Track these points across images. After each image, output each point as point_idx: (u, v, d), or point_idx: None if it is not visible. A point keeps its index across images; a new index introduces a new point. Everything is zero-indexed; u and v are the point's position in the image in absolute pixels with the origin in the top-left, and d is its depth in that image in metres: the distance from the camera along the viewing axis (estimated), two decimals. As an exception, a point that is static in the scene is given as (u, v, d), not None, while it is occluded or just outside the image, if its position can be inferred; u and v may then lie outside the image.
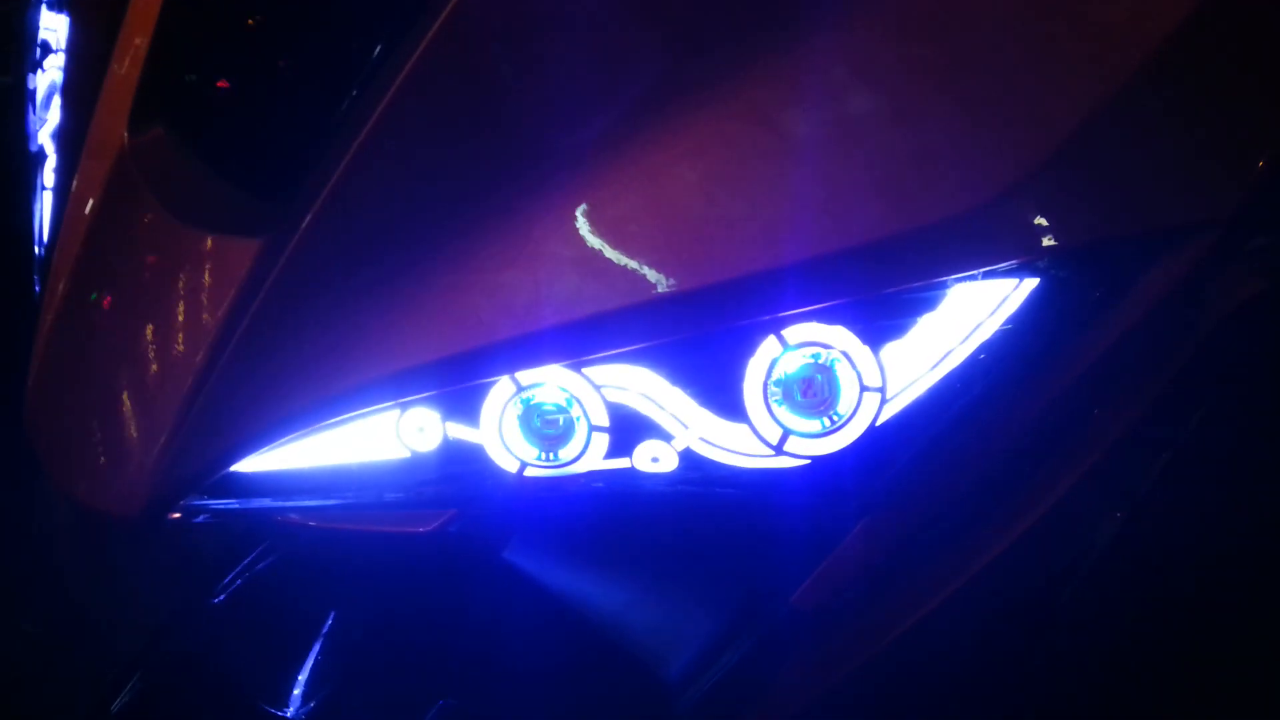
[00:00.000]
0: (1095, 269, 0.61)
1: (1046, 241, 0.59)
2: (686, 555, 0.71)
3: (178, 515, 0.68)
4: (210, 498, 0.68)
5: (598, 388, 0.63)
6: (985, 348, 0.61)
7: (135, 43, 0.69)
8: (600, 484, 0.64)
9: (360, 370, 0.64)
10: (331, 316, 0.64)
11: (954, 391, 0.61)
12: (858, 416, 0.61)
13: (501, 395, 0.64)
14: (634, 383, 0.62)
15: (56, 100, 0.82)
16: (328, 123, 0.64)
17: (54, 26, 0.84)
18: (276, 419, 0.65)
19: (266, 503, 0.68)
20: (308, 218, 0.61)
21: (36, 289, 0.80)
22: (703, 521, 0.67)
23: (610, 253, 0.61)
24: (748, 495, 0.64)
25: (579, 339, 0.62)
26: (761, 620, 0.72)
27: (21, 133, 0.91)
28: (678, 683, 0.74)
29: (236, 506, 0.68)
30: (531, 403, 0.64)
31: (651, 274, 0.61)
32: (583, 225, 0.61)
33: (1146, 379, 0.65)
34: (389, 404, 0.65)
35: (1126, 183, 0.61)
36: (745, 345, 0.61)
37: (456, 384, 0.64)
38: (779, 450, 0.62)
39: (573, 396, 0.63)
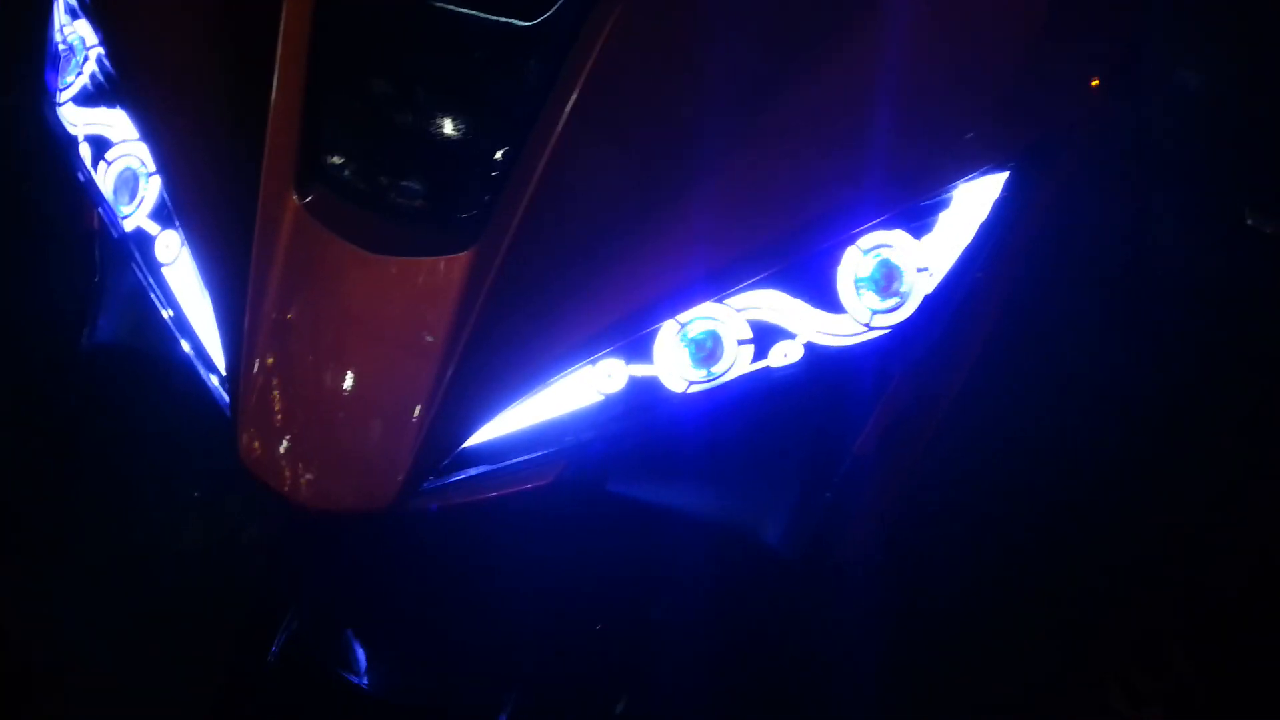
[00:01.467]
0: (1036, 157, 0.91)
1: (1007, 145, 0.88)
2: (789, 434, 0.95)
3: (424, 501, 0.83)
4: (447, 476, 0.83)
5: (738, 311, 0.85)
6: (984, 226, 0.89)
7: (289, 117, 0.82)
8: (746, 385, 0.86)
9: (561, 339, 0.82)
10: (536, 302, 0.81)
11: (971, 262, 0.89)
12: (915, 291, 0.87)
13: (668, 334, 0.84)
14: (763, 302, 0.85)
15: (150, 184, 0.91)
16: (494, 145, 0.80)
17: (109, 122, 0.93)
18: (498, 395, 0.82)
19: (490, 467, 0.84)
20: (513, 226, 0.78)
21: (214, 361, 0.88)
22: (813, 400, 0.91)
23: (733, 211, 0.83)
24: (849, 367, 0.88)
25: (719, 278, 0.84)
26: (834, 471, 0.96)
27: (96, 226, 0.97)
28: (781, 541, 0.97)
29: (471, 476, 0.84)
30: (690, 335, 0.85)
31: (764, 220, 0.84)
32: (714, 194, 0.83)
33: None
34: (583, 362, 0.83)
35: (1046, 90, 0.91)
36: (834, 257, 0.86)
37: (634, 334, 0.84)
38: (869, 327, 0.87)
39: (720, 322, 0.85)
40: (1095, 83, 0.94)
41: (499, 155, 0.81)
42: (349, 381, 0.80)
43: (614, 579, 1.03)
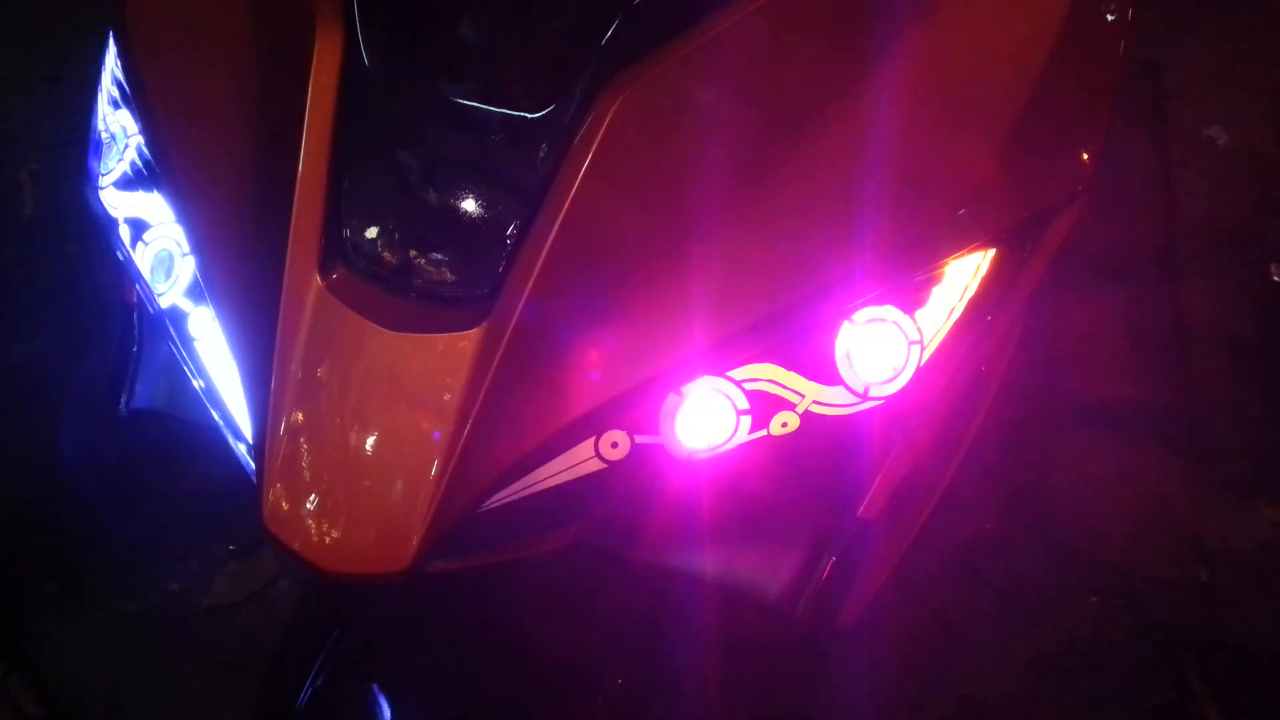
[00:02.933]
0: (1023, 236, 0.94)
1: (997, 222, 0.92)
2: (792, 499, 0.98)
3: (440, 563, 0.87)
4: (462, 543, 0.87)
5: (737, 383, 0.89)
6: (973, 300, 0.92)
7: (313, 202, 0.87)
8: (748, 453, 0.90)
9: (568, 410, 0.86)
10: (544, 376, 0.85)
11: (962, 334, 0.92)
12: (908, 362, 0.90)
13: (670, 405, 0.88)
14: (762, 374, 0.89)
15: (185, 264, 0.97)
16: (504, 228, 0.86)
17: (147, 205, 0.99)
18: (510, 463, 0.86)
19: (503, 532, 0.89)
20: (520, 304, 0.83)
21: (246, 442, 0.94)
22: (814, 467, 0.95)
23: (731, 287, 0.88)
24: (848, 436, 0.92)
25: (719, 351, 0.88)
26: (839, 536, 1.00)
27: (135, 299, 1.03)
28: (785, 602, 1.01)
29: (486, 541, 0.88)
30: (692, 406, 0.89)
31: (761, 296, 0.88)
32: (712, 271, 0.87)
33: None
34: (589, 433, 0.88)
35: (1031, 173, 0.95)
36: (829, 331, 0.90)
37: (637, 406, 0.88)
38: (864, 398, 0.90)
39: (721, 393, 0.89)
40: (1085, 157, 0.97)
41: (509, 236, 0.85)
42: (367, 451, 0.85)
43: (628, 636, 1.07)
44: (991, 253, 0.92)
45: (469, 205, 0.87)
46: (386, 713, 1.14)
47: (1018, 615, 2.16)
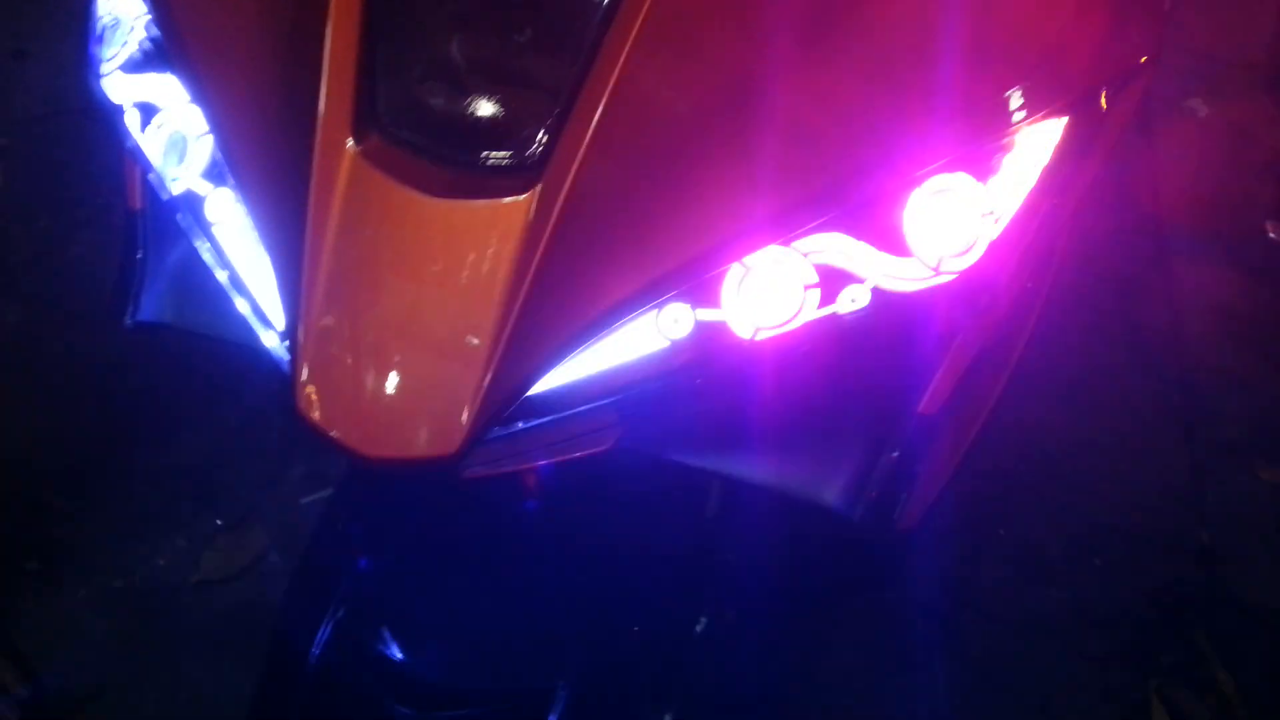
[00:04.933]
0: (1094, 105, 0.90)
1: (1068, 90, 0.88)
2: (852, 390, 0.93)
3: (478, 469, 0.81)
4: (513, 423, 0.81)
5: (804, 254, 0.83)
6: (1046, 171, 0.87)
7: (345, 65, 0.81)
8: (814, 331, 0.85)
9: (626, 282, 0.80)
10: (600, 244, 0.79)
11: (1034, 207, 0.87)
12: (981, 235, 0.85)
13: (734, 278, 0.83)
14: (829, 245, 0.84)
15: (199, 146, 0.90)
16: (555, 85, 0.79)
17: (156, 89, 0.92)
18: (563, 339, 0.80)
19: (555, 416, 0.82)
20: (575, 164, 0.77)
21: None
22: (880, 350, 0.89)
23: (797, 150, 0.82)
24: (917, 314, 0.87)
25: (784, 220, 0.82)
26: (900, 433, 0.94)
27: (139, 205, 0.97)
28: (844, 502, 0.95)
29: (534, 425, 0.82)
30: (757, 278, 0.83)
31: (827, 161, 0.83)
32: (778, 133, 0.82)
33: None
34: (649, 306, 0.82)
35: (1101, 39, 0.90)
36: (898, 200, 0.84)
37: (699, 277, 0.82)
38: (936, 271, 0.85)
39: (787, 266, 0.83)
40: (1153, 25, 0.93)
41: (560, 97, 0.79)
42: (411, 328, 0.78)
43: (671, 556, 1.01)
44: (1064, 121, 0.88)
45: (515, 65, 0.81)
46: (401, 656, 1.08)
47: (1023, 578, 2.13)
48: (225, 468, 2.20)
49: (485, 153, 0.81)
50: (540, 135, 0.79)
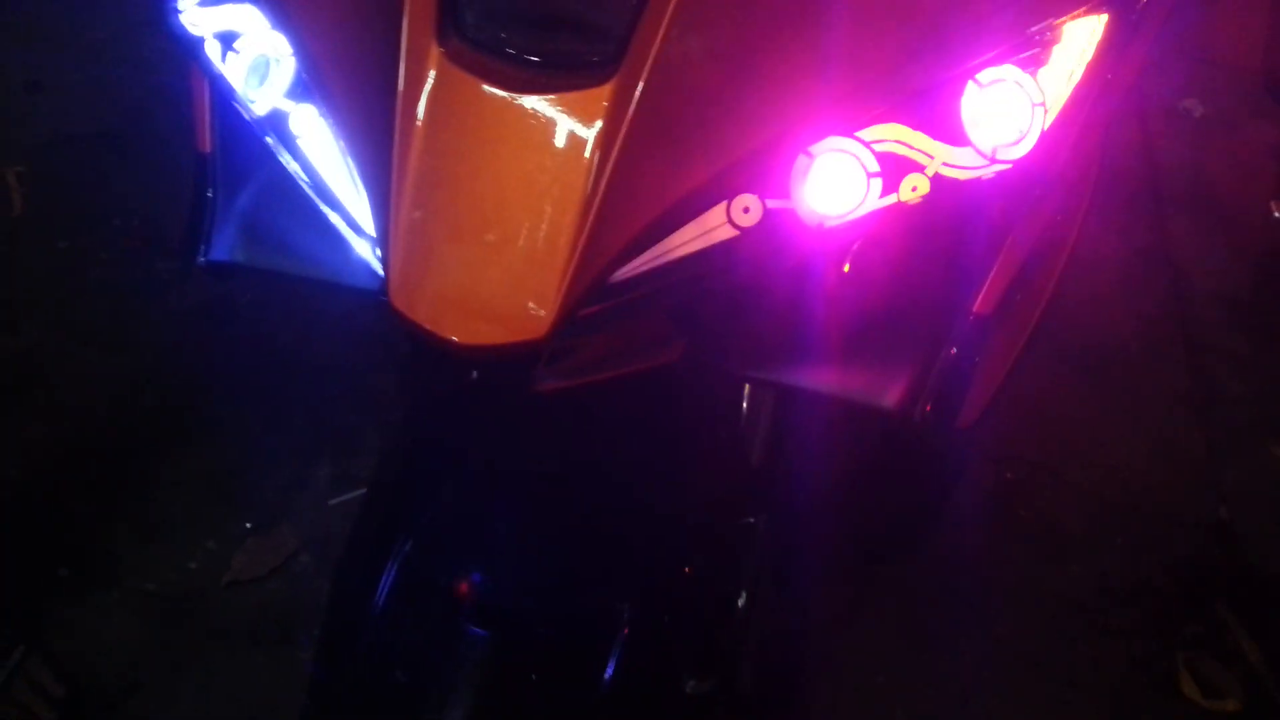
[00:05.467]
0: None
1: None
2: (911, 286, 0.96)
3: (550, 381, 0.84)
4: (596, 304, 0.84)
5: (867, 144, 0.87)
6: (1091, 65, 0.92)
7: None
8: (879, 220, 0.88)
9: (699, 170, 0.83)
10: (675, 134, 0.83)
11: (1081, 100, 0.91)
12: (1033, 125, 0.89)
13: (802, 167, 0.86)
14: (889, 135, 0.87)
15: (281, 69, 0.94)
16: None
17: (235, 18, 0.96)
18: (641, 230, 0.83)
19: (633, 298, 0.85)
20: (650, 57, 0.80)
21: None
22: (940, 241, 0.93)
23: (858, 40, 0.86)
24: (976, 203, 0.90)
25: (848, 111, 0.86)
26: (957, 332, 0.97)
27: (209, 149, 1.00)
28: (901, 404, 0.98)
29: (614, 306, 0.85)
30: (823, 168, 0.86)
31: (890, 53, 0.87)
32: (838, 22, 0.86)
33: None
34: (720, 196, 0.85)
35: None
36: (954, 90, 0.88)
37: (767, 166, 0.86)
38: (993, 160, 0.89)
39: (851, 155, 0.87)
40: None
41: None
42: (498, 219, 0.81)
43: (736, 468, 1.03)
44: (1105, 18, 0.92)
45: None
46: (475, 581, 1.09)
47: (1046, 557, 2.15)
48: (251, 472, 2.21)
49: (564, 48, 0.84)
50: (616, 28, 0.83)
